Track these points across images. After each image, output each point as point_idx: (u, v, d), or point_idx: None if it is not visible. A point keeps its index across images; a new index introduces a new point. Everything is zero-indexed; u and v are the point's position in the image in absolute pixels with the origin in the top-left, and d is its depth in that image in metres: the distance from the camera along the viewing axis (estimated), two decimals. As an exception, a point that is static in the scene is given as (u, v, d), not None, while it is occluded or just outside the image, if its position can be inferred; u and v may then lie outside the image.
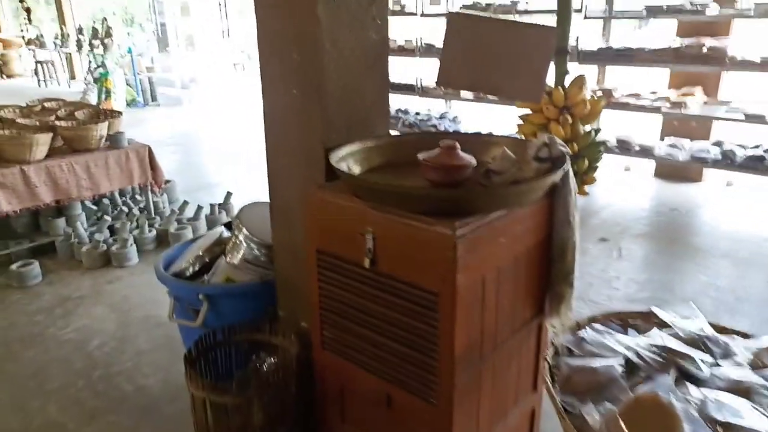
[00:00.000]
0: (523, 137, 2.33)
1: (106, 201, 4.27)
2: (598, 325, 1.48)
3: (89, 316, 3.04)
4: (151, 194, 4.27)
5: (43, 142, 3.60)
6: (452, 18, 1.83)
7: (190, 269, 2.08)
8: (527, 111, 2.34)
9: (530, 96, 1.86)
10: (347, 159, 1.62)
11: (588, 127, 2.24)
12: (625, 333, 1.47)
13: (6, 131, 3.65)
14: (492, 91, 1.88)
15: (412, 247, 1.35)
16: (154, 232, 3.91)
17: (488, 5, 5.40)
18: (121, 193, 4.47)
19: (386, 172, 1.65)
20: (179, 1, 10.02)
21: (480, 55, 1.84)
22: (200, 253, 2.09)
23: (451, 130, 5.84)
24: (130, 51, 9.58)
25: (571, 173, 1.48)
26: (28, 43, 13.61)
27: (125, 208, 4.20)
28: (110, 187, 3.95)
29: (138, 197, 4.50)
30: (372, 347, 1.54)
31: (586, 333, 1.45)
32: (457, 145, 1.48)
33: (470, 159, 1.49)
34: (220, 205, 4.37)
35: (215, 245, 2.12)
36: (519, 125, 2.36)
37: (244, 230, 2.03)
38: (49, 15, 19.39)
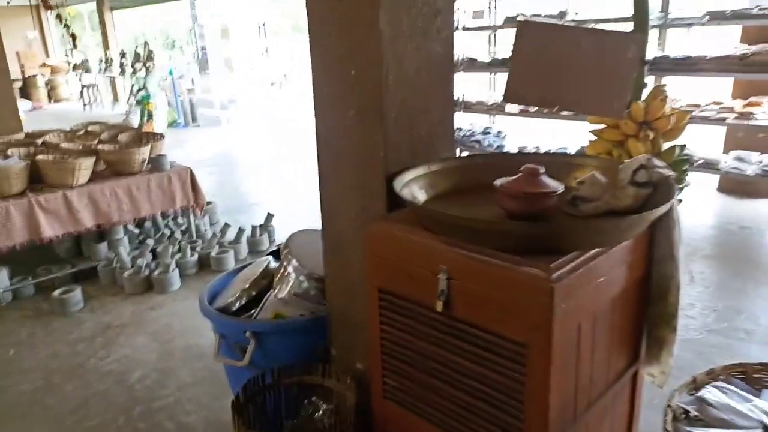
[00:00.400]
0: (599, 156, 2.12)
1: (148, 224, 4.21)
2: (721, 383, 1.25)
3: (130, 345, 2.94)
4: (192, 217, 4.20)
5: (85, 166, 3.56)
6: (523, 26, 1.65)
7: (237, 304, 1.93)
8: (596, 126, 2.14)
9: (612, 111, 1.66)
10: (412, 185, 1.45)
11: (667, 145, 2.02)
12: (753, 389, 1.24)
13: (50, 156, 3.63)
14: (568, 105, 1.68)
15: (496, 291, 1.16)
16: (196, 256, 3.82)
17: (534, 16, 5.20)
18: (164, 215, 4.42)
19: (455, 199, 1.47)
20: (219, 24, 10.16)
21: (554, 66, 1.65)
22: (246, 286, 1.94)
23: (495, 146, 5.63)
24: (171, 73, 9.73)
25: (676, 201, 1.27)
26: (75, 68, 14.07)
27: (167, 231, 4.13)
28: (151, 210, 3.89)
29: (180, 220, 4.44)
30: (442, 400, 1.35)
31: (709, 393, 1.22)
32: (541, 170, 1.29)
33: (556, 185, 1.29)
34: (261, 226, 4.27)
35: (262, 277, 1.97)
36: (591, 142, 2.15)
37: (294, 261, 1.87)
38: (94, 40, 20.11)
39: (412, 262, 1.32)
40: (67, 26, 5.92)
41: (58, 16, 5.93)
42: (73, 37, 6.26)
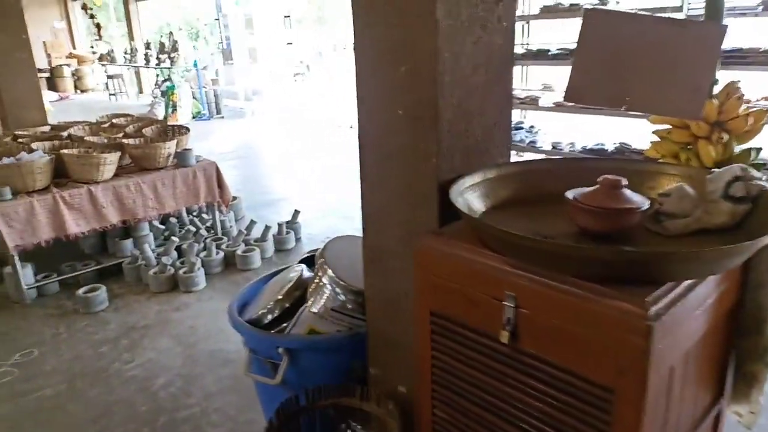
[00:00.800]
0: (661, 159, 1.93)
1: (173, 220, 4.12)
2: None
3: (155, 348, 2.84)
4: (217, 213, 4.10)
5: (111, 161, 3.47)
6: (590, 15, 1.47)
7: (268, 316, 1.80)
8: (660, 126, 1.94)
9: (688, 111, 1.47)
10: (467, 194, 1.29)
11: (739, 148, 1.82)
12: None
13: (75, 150, 3.55)
14: (638, 106, 1.50)
15: (576, 325, 1.00)
16: (222, 254, 3.72)
17: (573, 5, 4.95)
18: (188, 211, 4.33)
19: (517, 212, 1.31)
20: (243, 14, 10.05)
21: (623, 61, 1.47)
22: (279, 298, 1.81)
23: (527, 142, 5.41)
24: (195, 65, 9.67)
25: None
26: (100, 58, 14.15)
27: (192, 228, 4.04)
28: (176, 206, 3.80)
29: (204, 215, 4.35)
30: (502, 439, 1.20)
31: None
32: (624, 182, 1.12)
33: (641, 200, 1.12)
34: (287, 224, 4.15)
35: (295, 288, 1.84)
36: (653, 143, 1.96)
37: (329, 271, 1.73)
38: (120, 31, 20.25)
39: (471, 285, 1.16)
40: (92, 16, 5.85)
41: (84, 6, 5.85)
42: (98, 27, 6.18)
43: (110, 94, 12.93)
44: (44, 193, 3.31)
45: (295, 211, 4.28)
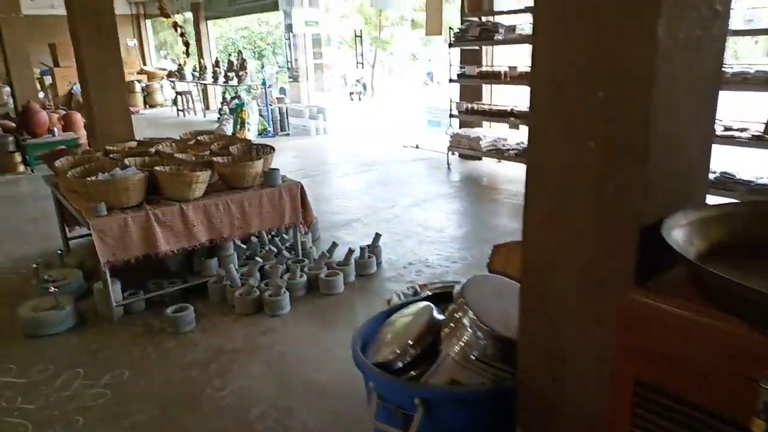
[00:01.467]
0: None
1: (254, 239, 4.06)
2: None
3: (246, 374, 2.74)
4: (299, 233, 4.01)
5: (202, 179, 3.44)
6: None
7: (399, 362, 1.64)
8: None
9: None
10: (680, 237, 1.10)
11: None
12: None
13: (167, 168, 3.54)
14: None
15: None
16: (305, 277, 3.61)
17: None
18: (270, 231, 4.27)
19: (745, 261, 1.10)
20: (311, 32, 10.18)
21: None
22: (411, 342, 1.64)
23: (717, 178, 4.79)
24: (264, 83, 9.83)
25: None
26: (170, 75, 14.64)
27: (274, 248, 3.97)
28: (261, 226, 3.74)
29: (284, 235, 4.28)
30: None
31: None
32: None
33: None
34: (368, 247, 4.02)
35: (427, 331, 1.67)
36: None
37: (470, 313, 1.56)
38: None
39: (704, 355, 0.96)
40: (183, 34, 5.98)
41: (175, 25, 5.98)
42: (187, 44, 6.32)
43: (178, 110, 13.33)
44: (137, 210, 3.30)
45: (377, 234, 4.15)
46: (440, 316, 1.74)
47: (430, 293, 2.02)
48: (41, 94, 10.45)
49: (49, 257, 4.19)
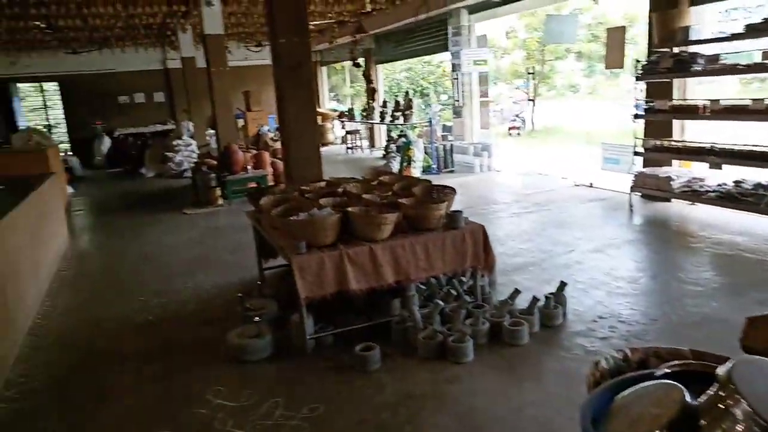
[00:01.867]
0: None
1: (432, 280, 4.06)
2: None
3: (437, 426, 2.67)
4: (478, 277, 3.92)
5: (391, 221, 3.54)
6: None
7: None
8: None
9: None
10: None
11: None
12: None
13: (358, 209, 3.71)
14: None
15: None
16: (487, 324, 3.49)
17: None
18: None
19: None
20: (479, 70, 10.25)
21: None
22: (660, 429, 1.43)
23: None
24: (431, 122, 10.07)
25: None
26: (340, 116, 15.77)
27: (453, 291, 3.92)
28: (444, 268, 3.73)
29: (462, 278, 4.21)
30: None
31: None
32: None
33: None
34: (553, 296, 3.78)
35: (679, 418, 1.44)
36: None
37: (744, 404, 1.31)
38: (352, 90, 22.59)
39: None
40: (370, 81, 6.40)
41: (367, 76, 6.43)
42: (374, 91, 6.75)
43: (347, 148, 14.24)
44: (332, 249, 3.48)
45: (561, 283, 3.89)
46: (692, 401, 1.50)
47: (668, 371, 1.77)
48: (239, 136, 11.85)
49: (248, 287, 4.62)
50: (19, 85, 14.92)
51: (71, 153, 14.31)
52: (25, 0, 8.03)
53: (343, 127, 15.55)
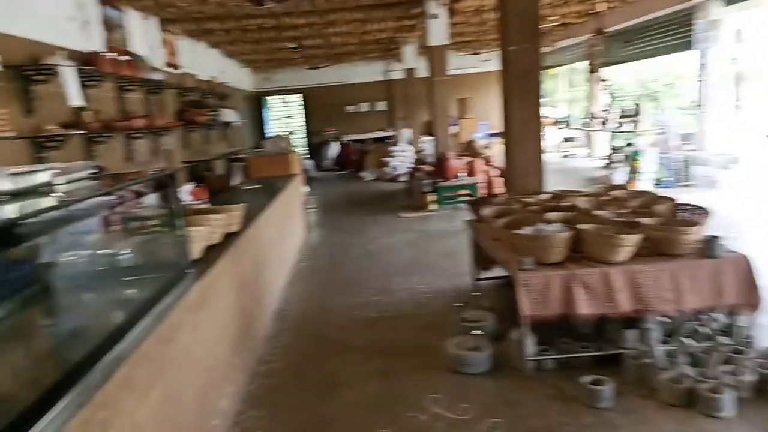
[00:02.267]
0: None
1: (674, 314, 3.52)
2: None
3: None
4: (737, 318, 3.29)
5: (631, 242, 3.16)
6: None
7: None
8: None
9: None
10: None
11: None
12: None
13: (592, 227, 3.40)
14: None
15: None
16: (756, 375, 2.89)
17: None
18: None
19: None
20: (732, 71, 8.79)
21: None
22: None
23: None
24: (665, 129, 8.94)
25: None
26: (556, 122, 15.03)
27: (703, 330, 3.35)
28: (696, 303, 3.20)
29: (711, 314, 3.59)
30: None
31: None
32: None
33: None
34: None
35: None
36: None
37: None
38: (569, 95, 21.36)
39: None
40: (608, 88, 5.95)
41: (602, 80, 6.00)
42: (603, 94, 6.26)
43: (563, 156, 13.50)
44: (559, 268, 3.24)
45: None
46: None
47: None
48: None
49: (463, 295, 4.60)
50: (267, 97, 17.37)
51: (308, 156, 16.20)
52: (281, 25, 9.27)
53: (559, 134, 14.79)
